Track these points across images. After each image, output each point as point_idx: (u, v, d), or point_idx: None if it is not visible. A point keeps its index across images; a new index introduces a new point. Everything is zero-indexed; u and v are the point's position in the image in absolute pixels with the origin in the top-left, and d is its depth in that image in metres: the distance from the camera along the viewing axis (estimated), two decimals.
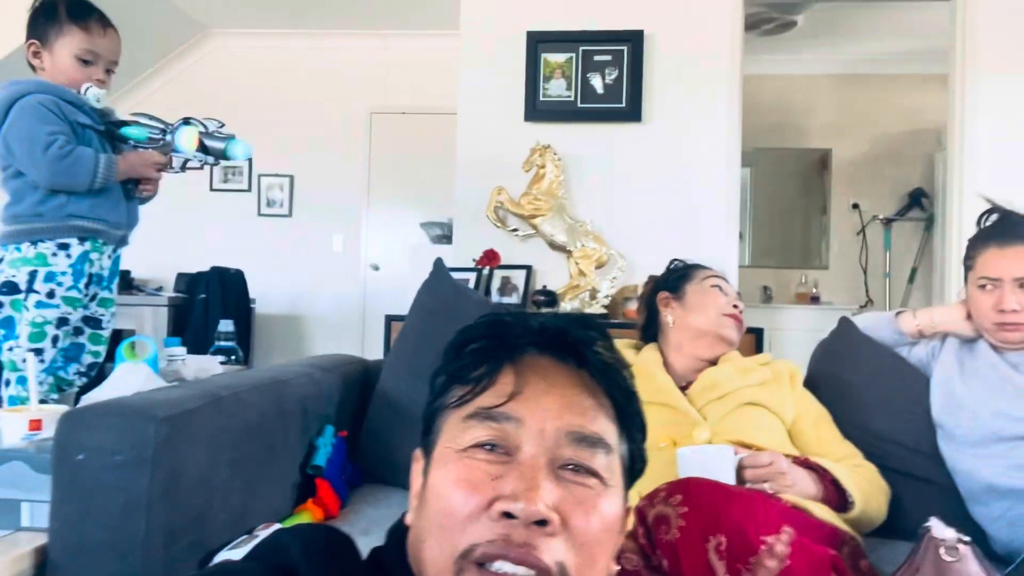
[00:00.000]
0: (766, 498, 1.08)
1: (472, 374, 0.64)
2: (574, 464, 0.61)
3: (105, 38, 1.69)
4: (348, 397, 1.73)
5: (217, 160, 1.62)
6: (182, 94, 5.28)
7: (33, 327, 1.61)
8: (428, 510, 0.62)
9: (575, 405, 0.63)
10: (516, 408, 0.62)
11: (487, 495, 0.58)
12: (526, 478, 0.58)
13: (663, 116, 3.27)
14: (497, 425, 0.61)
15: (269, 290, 5.12)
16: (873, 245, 5.25)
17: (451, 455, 0.62)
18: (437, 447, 0.65)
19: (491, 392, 0.63)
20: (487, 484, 0.59)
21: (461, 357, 0.67)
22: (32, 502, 1.03)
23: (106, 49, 1.70)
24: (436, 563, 0.59)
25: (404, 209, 5.21)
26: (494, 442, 0.61)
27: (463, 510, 0.59)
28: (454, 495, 0.59)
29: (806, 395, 1.51)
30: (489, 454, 0.61)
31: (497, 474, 0.59)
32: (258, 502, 1.28)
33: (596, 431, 0.62)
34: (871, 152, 5.29)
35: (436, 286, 1.75)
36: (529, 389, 0.63)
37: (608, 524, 0.61)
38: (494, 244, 3.23)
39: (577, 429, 0.61)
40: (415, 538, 0.64)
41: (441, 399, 0.67)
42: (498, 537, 0.57)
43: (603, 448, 0.62)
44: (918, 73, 5.09)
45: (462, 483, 0.60)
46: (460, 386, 0.65)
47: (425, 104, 5.11)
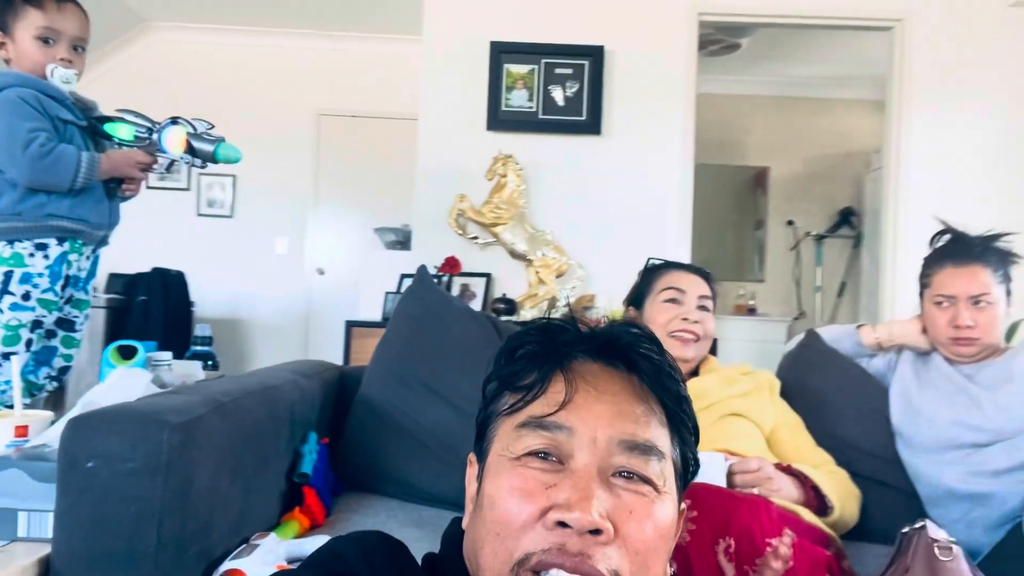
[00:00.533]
0: (766, 502, 1.13)
1: (523, 381, 0.66)
2: (627, 471, 0.62)
3: (62, 13, 1.61)
4: (327, 403, 1.71)
5: (205, 163, 1.57)
6: (119, 87, 5.07)
7: (7, 330, 1.53)
8: (483, 518, 0.63)
9: (626, 412, 0.63)
10: (567, 417, 0.62)
11: (541, 504, 0.59)
12: (579, 487, 0.59)
13: (622, 129, 3.36)
14: (549, 434, 0.62)
15: (209, 293, 4.96)
16: (806, 260, 5.50)
17: (505, 463, 0.63)
18: (491, 454, 0.66)
19: (542, 400, 0.64)
20: (541, 493, 0.60)
21: (512, 363, 0.68)
22: (31, 511, 0.98)
23: (65, 24, 1.61)
24: (492, 569, 0.60)
25: (352, 213, 5.14)
26: (547, 450, 0.62)
27: (517, 519, 0.59)
28: (509, 504, 0.60)
29: (783, 405, 1.58)
30: (543, 462, 0.62)
31: (551, 483, 0.60)
32: (252, 511, 1.26)
33: (648, 438, 0.63)
34: (805, 171, 5.54)
35: (421, 293, 1.74)
36: (580, 397, 0.63)
37: (662, 531, 0.61)
38: (453, 251, 3.24)
39: (629, 437, 0.62)
40: (471, 544, 0.65)
41: (493, 405, 0.68)
42: (553, 546, 0.58)
43: (655, 455, 0.63)
44: (851, 98, 5.38)
45: (516, 492, 0.61)
46: (511, 393, 0.66)
47: (376, 108, 5.06)
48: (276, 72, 5.15)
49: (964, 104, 3.39)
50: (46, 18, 1.58)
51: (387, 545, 0.64)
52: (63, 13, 1.60)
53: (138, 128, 1.57)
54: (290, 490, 1.46)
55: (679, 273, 1.60)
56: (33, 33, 1.58)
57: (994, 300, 1.57)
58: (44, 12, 1.58)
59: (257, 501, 1.29)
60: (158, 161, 1.62)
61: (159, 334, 3.77)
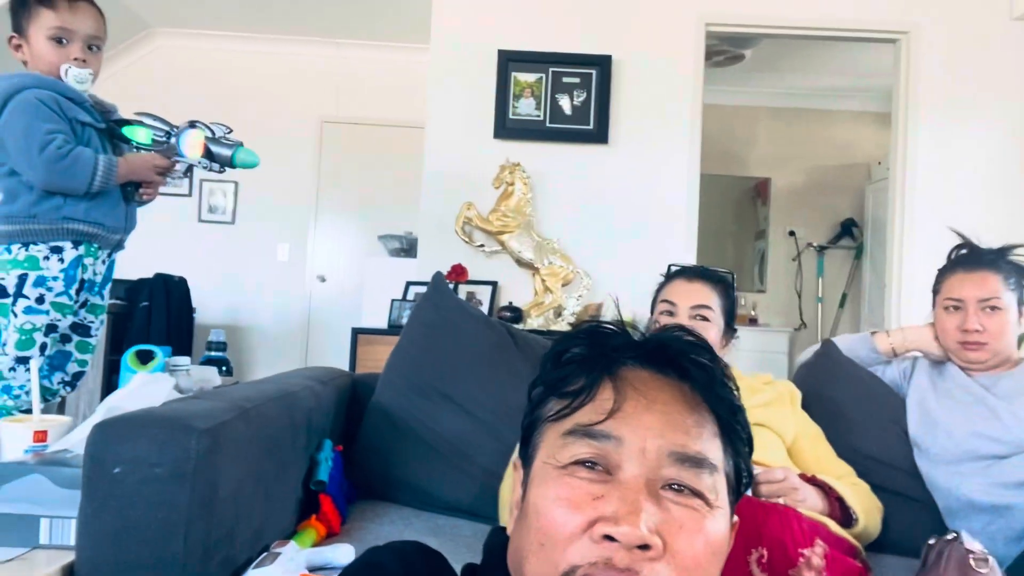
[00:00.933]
0: (796, 512, 1.12)
1: (570, 387, 0.64)
2: (677, 484, 0.59)
3: (74, 12, 1.59)
4: (340, 411, 1.69)
5: (223, 168, 1.55)
6: (123, 92, 5.02)
7: (21, 334, 1.51)
8: (529, 527, 0.61)
9: (677, 423, 0.61)
10: (616, 426, 0.60)
11: (588, 515, 0.57)
12: (628, 500, 0.57)
13: (629, 139, 3.36)
14: (597, 443, 0.60)
15: (210, 299, 4.94)
16: (807, 271, 5.51)
17: (551, 472, 0.61)
18: (536, 461, 0.64)
19: (590, 408, 0.62)
20: (588, 504, 0.58)
21: (559, 368, 0.66)
22: (53, 518, 0.96)
23: (78, 23, 1.59)
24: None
25: (355, 221, 5.13)
26: (594, 460, 0.60)
27: (564, 530, 0.58)
28: (555, 514, 0.59)
29: (804, 415, 1.56)
30: (590, 472, 0.60)
31: (598, 494, 0.58)
32: (272, 518, 1.24)
33: (699, 450, 0.61)
34: (807, 182, 5.56)
35: (436, 300, 1.73)
36: (629, 405, 0.61)
37: (714, 547, 0.59)
38: (459, 259, 3.23)
39: (680, 449, 0.60)
40: (516, 552, 0.63)
41: (539, 411, 0.66)
42: (600, 560, 0.56)
43: (707, 468, 0.61)
44: (853, 110, 5.40)
45: (562, 502, 0.59)
46: (558, 399, 0.64)
47: (379, 116, 5.06)
48: (279, 79, 5.14)
49: (970, 116, 3.40)
50: (58, 18, 1.57)
51: (426, 556, 0.63)
52: (76, 12, 1.58)
53: (156, 132, 1.55)
54: (306, 498, 1.44)
55: (677, 283, 1.58)
56: (46, 34, 1.57)
57: (1004, 306, 1.57)
58: (56, 12, 1.57)
59: (276, 508, 1.27)
60: (176, 165, 1.59)
61: (162, 340, 3.74)
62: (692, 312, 1.51)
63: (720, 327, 1.55)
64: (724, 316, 1.56)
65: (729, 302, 1.59)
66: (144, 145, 1.56)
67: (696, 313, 1.52)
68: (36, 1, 1.57)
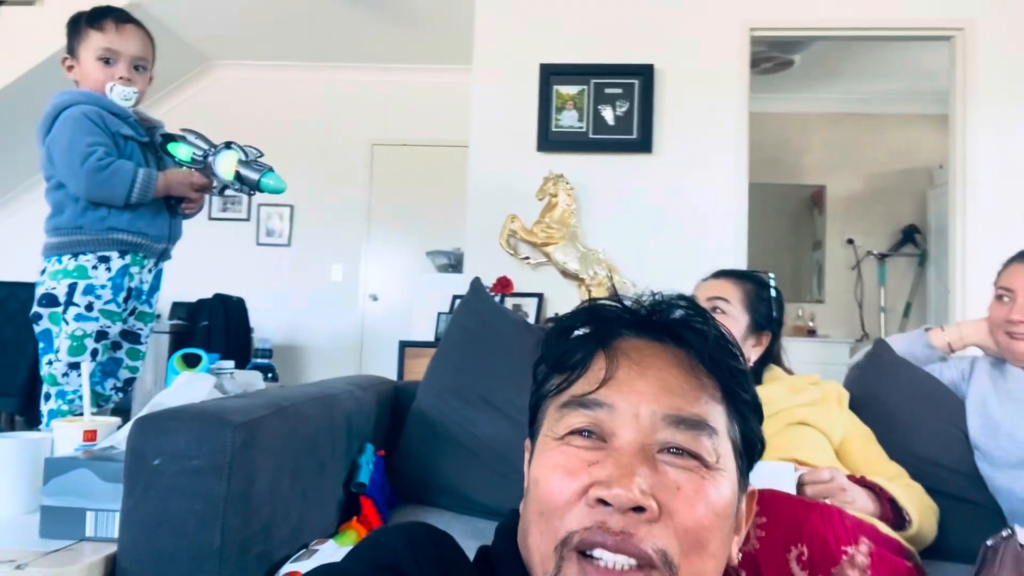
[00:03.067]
0: (840, 509, 1.08)
1: (567, 362, 0.65)
2: (674, 447, 0.59)
3: (120, 34, 1.67)
4: (382, 416, 1.71)
5: (252, 191, 1.60)
6: (184, 122, 5.27)
7: (72, 340, 1.58)
8: (530, 499, 0.62)
9: (672, 386, 0.61)
10: (608, 394, 0.61)
11: (583, 481, 0.58)
12: (621, 464, 0.57)
13: (673, 148, 3.34)
14: (590, 412, 0.61)
15: (267, 319, 5.08)
16: (868, 280, 5.34)
17: (549, 443, 0.62)
18: (539, 436, 0.66)
19: (585, 379, 0.63)
20: (583, 470, 0.58)
21: (557, 345, 0.67)
22: (97, 511, 1.00)
23: (124, 45, 1.67)
24: (539, 550, 0.59)
25: (405, 239, 5.21)
26: (589, 429, 0.61)
27: (560, 497, 0.58)
28: (551, 482, 0.59)
29: (852, 416, 1.51)
30: (585, 440, 0.60)
31: (593, 460, 0.59)
32: (311, 516, 1.26)
33: (696, 412, 0.60)
34: (865, 189, 5.41)
35: (475, 305, 1.74)
36: (622, 373, 0.62)
37: (716, 509, 0.59)
38: (505, 272, 3.24)
39: (674, 411, 0.60)
40: (522, 527, 0.64)
41: (542, 388, 0.68)
42: (594, 524, 0.56)
43: (706, 430, 0.60)
44: (911, 112, 5.24)
45: (558, 470, 0.60)
46: (557, 375, 0.65)
47: (427, 136, 5.15)
48: (331, 105, 5.30)
49: None
50: (106, 39, 1.65)
51: (432, 535, 0.63)
52: (123, 34, 1.66)
53: (195, 150, 1.62)
54: (348, 500, 1.46)
55: (709, 281, 1.58)
56: (95, 54, 1.65)
57: None
58: (104, 34, 1.65)
59: (316, 508, 1.29)
60: (213, 184, 1.66)
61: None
62: (708, 304, 1.50)
63: (742, 323, 1.51)
64: (749, 312, 1.52)
65: (759, 301, 1.55)
66: (184, 162, 1.63)
67: (710, 305, 1.50)
68: (86, 24, 1.66)
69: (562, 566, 0.57)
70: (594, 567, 0.56)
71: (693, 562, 0.57)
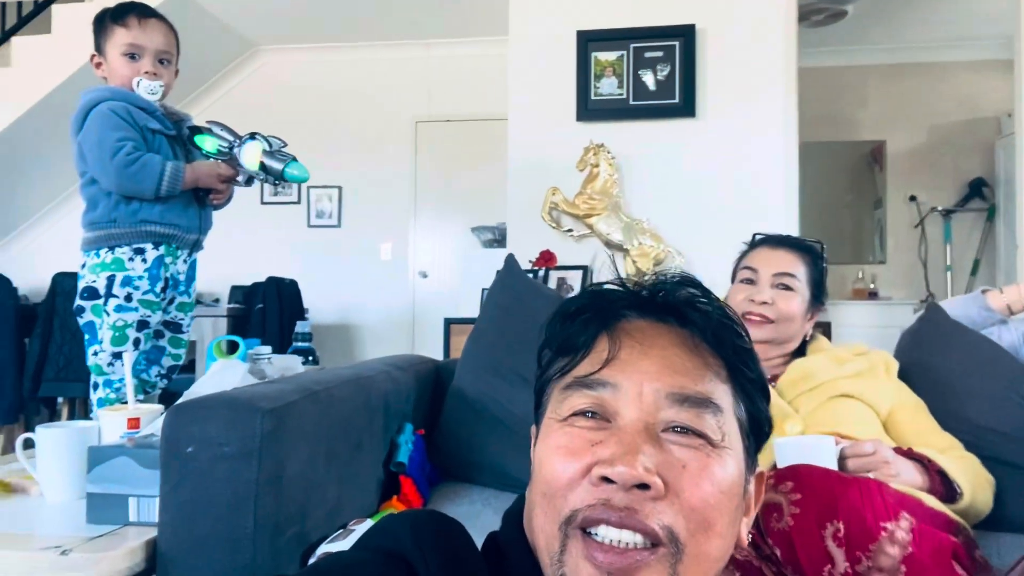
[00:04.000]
0: (880, 484, 1.04)
1: (570, 345, 0.64)
2: (678, 426, 0.59)
3: (144, 29, 1.69)
4: (423, 396, 1.73)
5: (277, 181, 1.62)
6: (233, 111, 5.39)
7: (114, 331, 1.63)
8: (535, 480, 0.62)
9: (676, 365, 0.61)
10: (611, 373, 0.61)
11: (586, 460, 0.58)
12: (624, 442, 0.57)
13: (717, 111, 3.24)
14: (593, 392, 0.61)
15: (320, 300, 5.18)
16: (932, 238, 5.11)
17: (553, 425, 0.62)
18: (544, 420, 0.65)
19: (588, 360, 0.62)
20: (586, 450, 0.58)
21: (561, 329, 0.66)
22: (139, 497, 1.04)
23: (148, 40, 1.69)
24: (544, 531, 0.59)
25: (451, 215, 5.23)
26: (592, 409, 0.60)
27: (563, 477, 0.58)
28: (554, 463, 0.59)
29: (901, 386, 1.45)
30: (589, 421, 0.60)
31: (597, 440, 0.59)
32: (349, 497, 1.28)
33: (700, 390, 0.60)
34: (927, 142, 5.15)
35: (509, 282, 1.74)
36: (625, 352, 0.61)
37: (723, 487, 0.58)
38: (549, 245, 3.22)
39: (678, 390, 0.59)
40: (527, 511, 0.64)
41: (546, 373, 0.67)
42: (598, 501, 0.56)
43: (710, 408, 0.60)
44: (974, 59, 4.96)
45: (561, 450, 0.59)
46: (561, 358, 0.65)
47: (469, 111, 5.13)
48: (373, 84, 5.31)
49: None
50: (130, 35, 1.68)
51: (440, 523, 0.63)
52: (146, 29, 1.69)
53: (221, 142, 1.65)
54: (388, 479, 1.48)
55: (761, 250, 1.51)
56: (120, 50, 1.68)
57: None
58: (128, 29, 1.68)
59: (353, 488, 1.31)
60: (239, 175, 1.68)
61: (275, 339, 3.96)
62: (775, 280, 1.44)
63: (805, 298, 1.46)
64: (810, 287, 1.47)
65: (817, 273, 1.50)
66: (211, 153, 1.66)
67: (779, 281, 1.44)
68: (110, 20, 1.69)
69: (567, 544, 0.57)
70: (598, 545, 0.56)
71: (700, 541, 0.57)
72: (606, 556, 0.55)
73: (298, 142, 5.90)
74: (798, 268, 1.46)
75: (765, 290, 1.43)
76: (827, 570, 0.95)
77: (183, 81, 5.65)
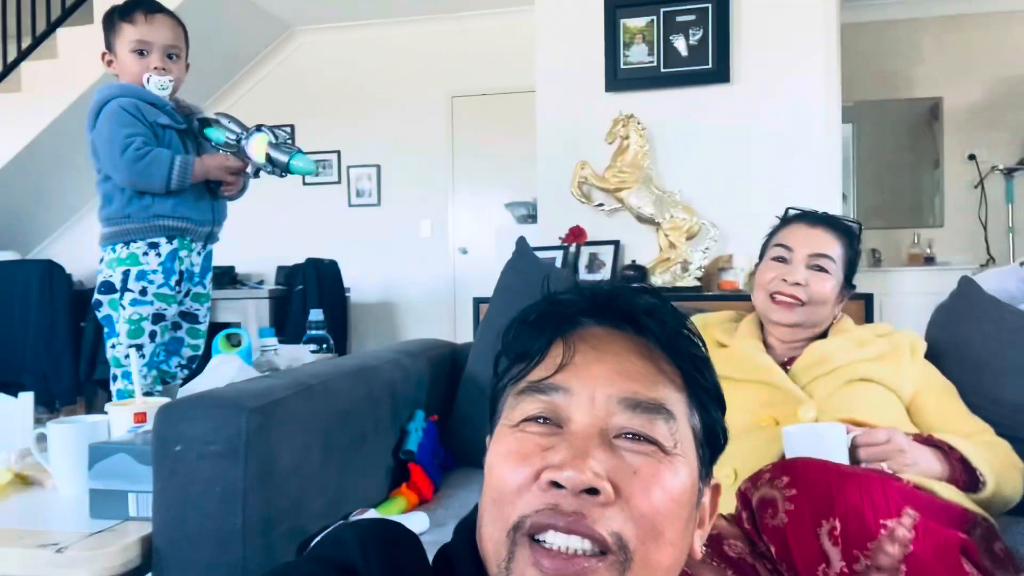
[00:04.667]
0: (884, 478, 0.99)
1: (525, 351, 0.63)
2: (630, 432, 0.58)
3: (152, 25, 1.70)
4: (437, 381, 1.73)
5: (282, 173, 1.62)
6: (271, 94, 5.46)
7: (130, 324, 1.67)
8: (485, 488, 0.61)
9: (630, 371, 0.60)
10: (564, 378, 0.60)
11: (536, 466, 0.57)
12: (575, 447, 0.56)
13: (753, 75, 3.11)
14: (546, 397, 0.60)
15: (362, 279, 5.25)
16: (993, 198, 4.85)
17: (505, 431, 0.61)
18: (497, 426, 0.64)
19: (542, 366, 0.62)
20: (536, 455, 0.57)
21: (517, 335, 0.65)
22: (138, 492, 1.06)
23: (155, 35, 1.70)
24: (492, 538, 0.58)
25: (489, 191, 5.20)
26: (544, 415, 0.59)
27: (512, 483, 0.57)
28: (504, 468, 0.58)
29: (928, 368, 1.38)
30: (541, 427, 0.59)
31: (547, 445, 0.58)
32: (352, 488, 1.29)
33: (653, 396, 0.59)
34: (987, 98, 4.86)
35: (520, 265, 1.71)
36: (579, 358, 0.61)
37: (674, 495, 0.57)
38: (580, 220, 3.17)
39: (630, 395, 0.58)
40: (479, 519, 0.62)
41: (502, 380, 0.66)
42: (546, 506, 0.55)
43: (662, 415, 0.59)
44: None
45: (512, 455, 0.59)
46: (517, 364, 0.64)
47: (504, 84, 5.07)
48: (408, 60, 5.29)
49: None
50: (138, 31, 1.69)
51: (391, 535, 0.63)
52: (153, 25, 1.70)
53: (229, 134, 1.65)
54: (399, 467, 1.49)
55: (797, 227, 1.41)
56: (128, 47, 1.70)
57: None
58: (135, 26, 1.69)
59: (358, 478, 1.32)
60: (248, 167, 1.69)
61: None
62: (810, 260, 1.36)
63: (839, 281, 1.38)
64: (844, 269, 1.40)
65: (852, 254, 1.41)
66: (220, 144, 1.67)
67: (814, 263, 1.36)
68: (118, 17, 1.71)
69: (514, 552, 0.56)
70: (545, 552, 0.55)
71: (650, 549, 0.56)
72: (553, 562, 0.54)
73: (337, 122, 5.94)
74: (835, 249, 1.38)
75: (799, 270, 1.35)
76: (822, 569, 0.91)
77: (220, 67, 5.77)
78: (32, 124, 4.43)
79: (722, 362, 1.36)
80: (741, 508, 1.01)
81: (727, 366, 1.34)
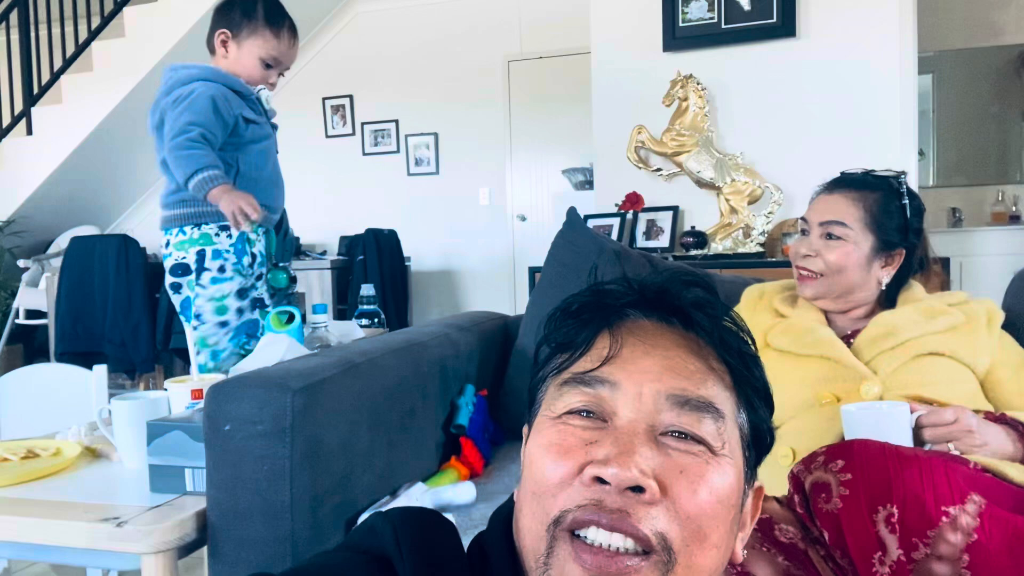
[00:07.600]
0: (947, 461, 0.93)
1: (570, 341, 0.61)
2: (677, 430, 0.56)
3: (291, 48, 1.74)
4: (488, 354, 1.72)
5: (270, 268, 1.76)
6: (329, 65, 5.50)
7: (215, 302, 1.68)
8: (524, 480, 0.60)
9: (678, 367, 0.57)
10: (611, 371, 0.58)
11: (579, 460, 0.55)
12: (621, 443, 0.54)
13: (821, 28, 2.95)
14: (591, 390, 0.58)
15: (422, 248, 5.29)
16: None
17: (546, 422, 0.59)
18: (536, 417, 0.62)
19: (587, 357, 0.59)
20: (580, 449, 0.55)
21: (561, 325, 0.63)
22: (193, 468, 1.09)
23: (288, 58, 1.75)
24: (531, 532, 0.57)
25: (546, 157, 5.14)
26: (589, 408, 0.57)
27: (554, 476, 0.56)
28: (546, 461, 0.57)
29: (1006, 339, 1.29)
30: (584, 420, 0.57)
31: (591, 439, 0.56)
32: (401, 463, 1.31)
33: (702, 395, 0.57)
34: None
35: (571, 236, 1.68)
36: (626, 351, 0.58)
37: (720, 496, 0.55)
38: (638, 186, 3.10)
39: (679, 392, 0.56)
40: (516, 511, 0.61)
41: (543, 370, 0.64)
42: (589, 502, 0.53)
43: (711, 413, 0.56)
44: None
45: (554, 448, 0.57)
46: (560, 354, 0.62)
47: (560, 46, 4.97)
48: (466, 25, 5.24)
49: None
50: (279, 48, 1.71)
51: (425, 523, 0.62)
52: (292, 48, 1.74)
53: None
54: (449, 441, 1.50)
55: (822, 196, 1.35)
56: (261, 55, 1.70)
57: None
58: (279, 41, 1.70)
59: (407, 453, 1.34)
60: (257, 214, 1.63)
61: (377, 289, 4.08)
62: (822, 229, 1.30)
63: (864, 247, 1.29)
64: (874, 232, 1.30)
65: (886, 216, 1.31)
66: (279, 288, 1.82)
67: (826, 231, 1.29)
68: (265, 21, 1.69)
69: (554, 547, 0.55)
70: (587, 548, 0.53)
71: (694, 551, 0.54)
72: (595, 558, 0.53)
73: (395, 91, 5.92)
74: (848, 213, 1.29)
75: (815, 240, 1.31)
76: (877, 557, 0.87)
77: None
78: (104, 103, 4.60)
79: (781, 334, 1.31)
80: (793, 491, 0.97)
81: (786, 338, 1.29)
